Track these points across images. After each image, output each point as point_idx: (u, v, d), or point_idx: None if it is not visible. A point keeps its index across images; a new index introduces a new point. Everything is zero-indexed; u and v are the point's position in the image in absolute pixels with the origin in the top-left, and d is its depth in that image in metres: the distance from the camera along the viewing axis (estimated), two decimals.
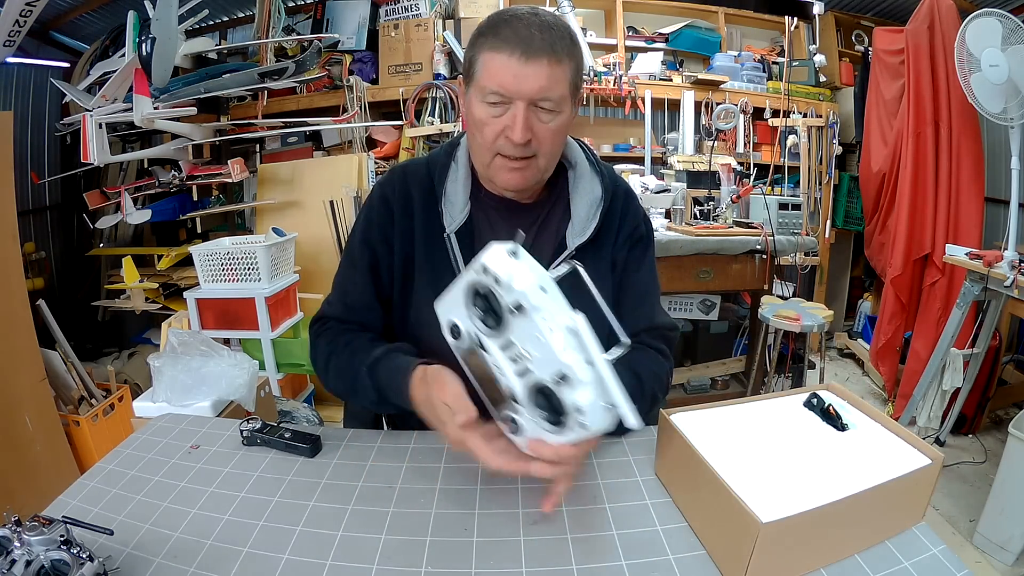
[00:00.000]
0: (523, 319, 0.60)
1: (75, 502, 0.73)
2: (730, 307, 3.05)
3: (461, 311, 0.66)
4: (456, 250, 0.91)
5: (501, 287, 0.61)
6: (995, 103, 2.15)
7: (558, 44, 0.80)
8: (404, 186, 0.95)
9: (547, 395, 0.60)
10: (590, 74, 3.17)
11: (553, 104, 0.81)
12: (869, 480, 0.61)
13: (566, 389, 0.58)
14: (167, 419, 0.94)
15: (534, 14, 0.82)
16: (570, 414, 0.59)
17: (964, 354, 2.32)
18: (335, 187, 2.71)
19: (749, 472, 0.63)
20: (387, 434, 0.90)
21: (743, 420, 0.74)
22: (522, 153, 0.83)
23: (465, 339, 0.66)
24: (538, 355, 0.60)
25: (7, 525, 0.55)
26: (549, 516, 0.68)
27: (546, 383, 0.59)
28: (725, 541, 0.60)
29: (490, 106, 0.82)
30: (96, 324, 3.26)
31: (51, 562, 0.55)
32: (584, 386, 0.57)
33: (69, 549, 0.55)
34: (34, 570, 0.54)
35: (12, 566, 0.53)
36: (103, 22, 3.26)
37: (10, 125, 1.96)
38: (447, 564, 0.62)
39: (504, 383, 0.64)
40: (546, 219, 0.96)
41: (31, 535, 0.55)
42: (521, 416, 0.63)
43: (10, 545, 0.54)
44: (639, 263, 0.99)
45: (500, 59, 0.79)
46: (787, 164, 3.51)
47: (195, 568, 0.62)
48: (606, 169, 0.99)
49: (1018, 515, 1.74)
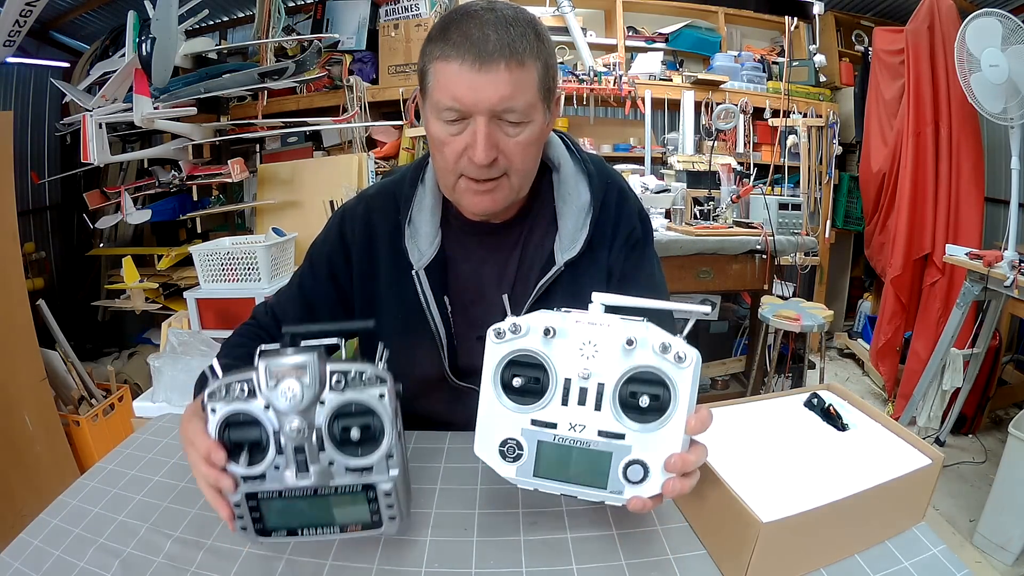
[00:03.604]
0: (563, 344, 0.55)
1: (75, 502, 0.73)
2: (730, 307, 3.05)
3: (503, 424, 0.57)
4: (425, 287, 0.82)
5: (519, 336, 0.55)
6: (995, 103, 2.15)
7: (518, 43, 0.68)
8: (366, 222, 0.87)
9: (633, 390, 0.54)
10: (590, 74, 3.17)
11: (519, 115, 0.71)
12: (870, 480, 0.60)
13: (641, 352, 0.53)
14: (167, 419, 0.94)
15: (489, 9, 0.70)
16: (670, 373, 0.52)
17: (964, 354, 2.32)
18: (335, 187, 2.71)
19: (750, 472, 0.63)
20: None
21: (744, 420, 0.74)
22: (488, 175, 0.74)
23: (527, 444, 0.57)
24: (602, 360, 0.54)
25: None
26: (549, 516, 0.68)
27: (626, 370, 0.53)
28: (726, 541, 0.60)
29: (447, 124, 0.72)
30: (96, 324, 3.26)
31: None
32: (658, 333, 0.53)
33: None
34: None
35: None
36: (103, 22, 3.26)
37: (10, 125, 1.97)
38: (447, 564, 0.62)
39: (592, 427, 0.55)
40: (529, 235, 0.86)
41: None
42: (634, 447, 0.54)
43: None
44: (638, 267, 0.90)
45: (451, 68, 0.68)
46: (787, 164, 3.51)
47: (195, 568, 0.62)
48: (595, 166, 0.88)
49: (1018, 515, 1.73)
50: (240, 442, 0.55)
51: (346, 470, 0.56)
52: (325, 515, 0.58)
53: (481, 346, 0.62)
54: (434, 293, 0.83)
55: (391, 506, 0.57)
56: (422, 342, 0.85)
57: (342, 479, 0.56)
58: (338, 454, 0.55)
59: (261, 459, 0.55)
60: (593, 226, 0.84)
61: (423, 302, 0.83)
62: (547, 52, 0.73)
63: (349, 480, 0.56)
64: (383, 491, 0.57)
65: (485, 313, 0.87)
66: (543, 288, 0.84)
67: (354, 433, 0.54)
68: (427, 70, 0.72)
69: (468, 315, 0.87)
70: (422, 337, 0.85)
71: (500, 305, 0.86)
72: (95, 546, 0.65)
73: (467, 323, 0.87)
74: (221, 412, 0.53)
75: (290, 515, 0.57)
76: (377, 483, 0.56)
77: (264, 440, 0.54)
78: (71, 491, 0.75)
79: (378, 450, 0.56)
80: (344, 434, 0.55)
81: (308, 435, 0.54)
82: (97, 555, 0.64)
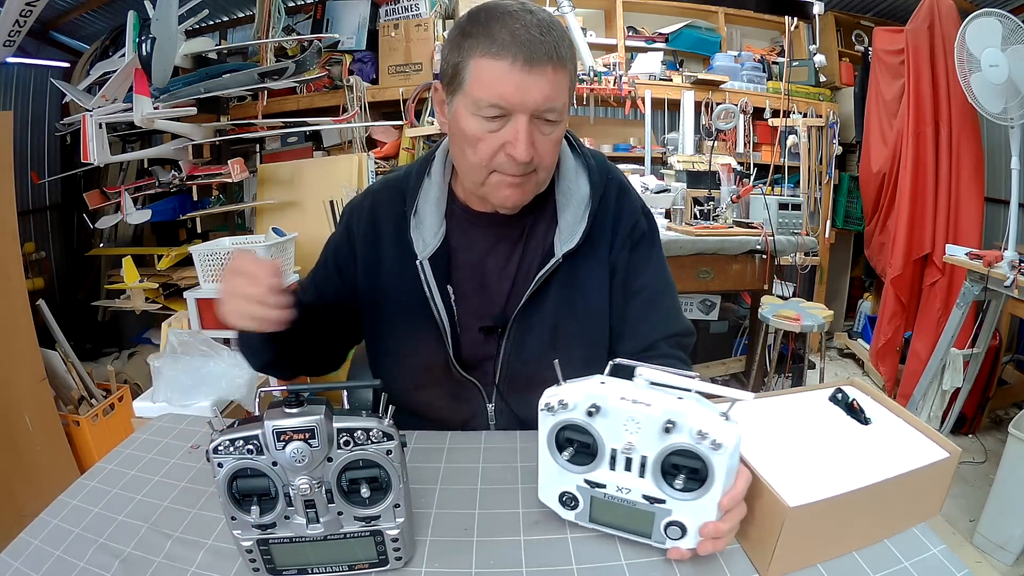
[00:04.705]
0: (607, 420, 0.58)
1: (75, 502, 0.73)
2: (730, 307, 3.05)
3: (561, 479, 0.63)
4: (429, 277, 0.84)
5: (567, 411, 0.59)
6: (995, 103, 2.15)
7: (560, 46, 0.71)
8: (371, 215, 0.89)
9: (675, 462, 0.57)
10: (590, 74, 3.17)
11: (557, 114, 0.74)
12: (890, 470, 0.63)
13: (680, 434, 0.56)
14: (167, 419, 0.94)
15: (527, 11, 0.71)
16: (706, 455, 0.55)
17: (964, 354, 2.32)
18: (335, 187, 2.71)
19: (778, 460, 0.65)
20: None
21: (772, 412, 0.77)
22: (524, 170, 0.76)
23: (581, 498, 0.63)
24: (641, 435, 0.57)
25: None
26: (549, 516, 0.68)
27: (667, 445, 0.56)
28: (753, 525, 0.62)
29: (486, 120, 0.72)
30: (96, 324, 3.25)
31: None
32: (694, 412, 0.55)
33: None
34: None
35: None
36: (103, 22, 3.26)
37: (10, 125, 1.96)
38: (447, 564, 0.62)
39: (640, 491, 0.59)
40: (533, 227, 0.88)
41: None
42: (673, 508, 0.59)
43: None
44: (644, 263, 0.90)
45: (499, 67, 0.69)
46: (787, 164, 3.51)
47: (195, 568, 0.62)
48: (595, 161, 0.90)
49: (1018, 515, 1.74)
50: (249, 492, 0.55)
51: (355, 518, 0.57)
52: (334, 555, 0.59)
53: (484, 338, 0.63)
54: (438, 283, 0.84)
55: (398, 548, 0.60)
56: (426, 332, 0.86)
57: (351, 527, 0.58)
58: (347, 505, 0.57)
59: (271, 507, 0.56)
60: (592, 219, 0.85)
61: (427, 291, 0.84)
62: (575, 56, 0.77)
63: (357, 528, 0.58)
64: (390, 536, 0.59)
65: (488, 303, 0.89)
66: (541, 280, 0.85)
67: (363, 490, 0.56)
68: (464, 65, 0.72)
69: (471, 305, 0.88)
70: (426, 327, 0.86)
71: (502, 295, 0.88)
72: (95, 546, 0.65)
73: (470, 313, 0.87)
74: (229, 467, 0.54)
75: (300, 555, 0.59)
76: (385, 529, 0.58)
77: (273, 491, 0.55)
78: (71, 491, 0.75)
79: (386, 500, 0.57)
80: (352, 486, 0.57)
81: (317, 490, 0.55)
82: (97, 555, 0.64)
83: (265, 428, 0.52)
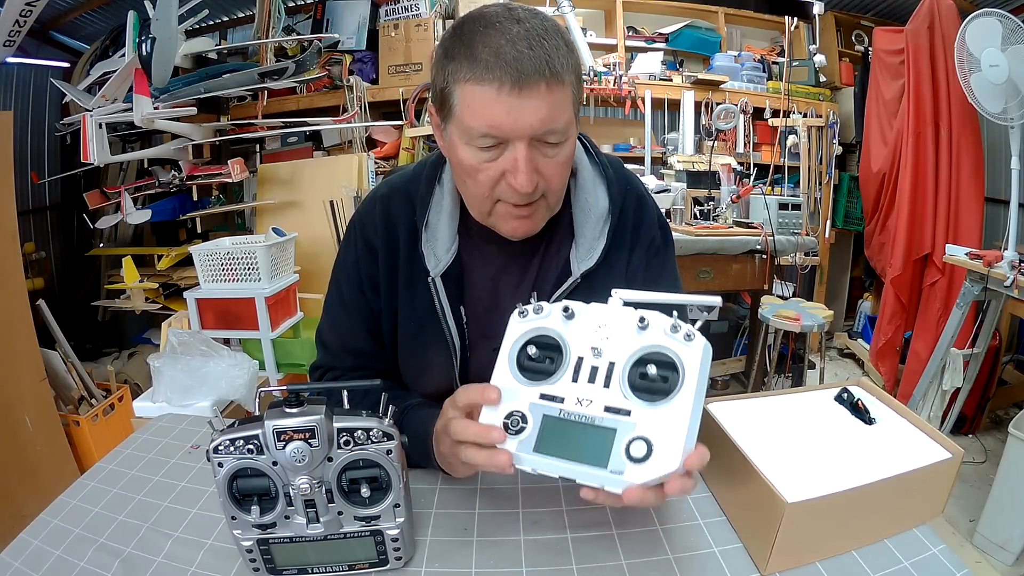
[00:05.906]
0: (579, 323, 0.57)
1: (75, 502, 0.73)
2: (730, 307, 3.05)
3: (512, 397, 0.57)
4: (442, 295, 0.78)
5: (541, 316, 0.58)
6: (995, 103, 2.15)
7: (555, 59, 0.62)
8: (387, 223, 0.82)
9: (643, 372, 0.54)
10: (590, 74, 3.17)
11: (559, 135, 0.66)
12: (892, 469, 0.63)
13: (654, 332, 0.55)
14: (167, 419, 0.94)
15: (514, 20, 0.62)
16: (677, 353, 0.54)
17: (964, 354, 2.32)
18: (335, 187, 2.71)
19: (780, 457, 0.66)
20: None
21: (776, 411, 0.77)
22: (529, 199, 0.69)
23: (532, 417, 0.56)
24: (616, 340, 0.56)
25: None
26: (549, 516, 0.68)
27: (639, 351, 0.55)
28: (753, 520, 0.63)
29: (481, 151, 0.66)
30: (96, 324, 3.26)
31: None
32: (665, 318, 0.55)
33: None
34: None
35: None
36: (103, 22, 3.26)
37: (10, 125, 1.96)
38: (447, 564, 0.62)
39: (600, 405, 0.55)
40: (549, 243, 0.82)
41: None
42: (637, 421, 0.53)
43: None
44: (658, 275, 0.85)
45: (486, 93, 0.61)
46: (787, 164, 3.51)
47: (195, 568, 0.62)
48: (614, 170, 0.83)
49: (1018, 515, 1.74)
50: (249, 492, 0.56)
51: (355, 518, 0.58)
52: (334, 555, 0.60)
53: (495, 357, 0.60)
54: (450, 302, 0.79)
55: (398, 548, 0.60)
56: (436, 351, 0.82)
57: (351, 527, 0.58)
58: (347, 505, 0.57)
59: (271, 507, 0.56)
60: (611, 235, 0.80)
61: (439, 310, 0.79)
62: (576, 61, 0.67)
63: (358, 527, 0.58)
64: (390, 536, 0.59)
65: (500, 323, 0.85)
66: (559, 299, 0.81)
67: (363, 490, 0.56)
68: (451, 91, 0.65)
69: (482, 324, 0.83)
70: (436, 346, 0.82)
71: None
72: (95, 546, 0.65)
73: (481, 333, 0.83)
74: (229, 466, 0.54)
75: (300, 555, 0.59)
76: (385, 529, 0.58)
77: (273, 491, 0.56)
78: (71, 491, 0.75)
79: (386, 500, 0.57)
80: (352, 485, 0.57)
81: (317, 490, 0.55)
82: (97, 555, 0.64)
83: (265, 428, 0.53)
